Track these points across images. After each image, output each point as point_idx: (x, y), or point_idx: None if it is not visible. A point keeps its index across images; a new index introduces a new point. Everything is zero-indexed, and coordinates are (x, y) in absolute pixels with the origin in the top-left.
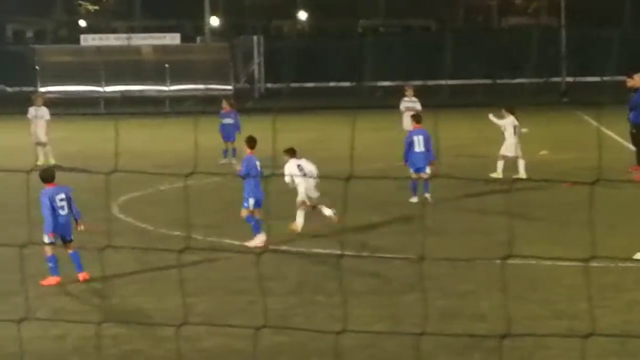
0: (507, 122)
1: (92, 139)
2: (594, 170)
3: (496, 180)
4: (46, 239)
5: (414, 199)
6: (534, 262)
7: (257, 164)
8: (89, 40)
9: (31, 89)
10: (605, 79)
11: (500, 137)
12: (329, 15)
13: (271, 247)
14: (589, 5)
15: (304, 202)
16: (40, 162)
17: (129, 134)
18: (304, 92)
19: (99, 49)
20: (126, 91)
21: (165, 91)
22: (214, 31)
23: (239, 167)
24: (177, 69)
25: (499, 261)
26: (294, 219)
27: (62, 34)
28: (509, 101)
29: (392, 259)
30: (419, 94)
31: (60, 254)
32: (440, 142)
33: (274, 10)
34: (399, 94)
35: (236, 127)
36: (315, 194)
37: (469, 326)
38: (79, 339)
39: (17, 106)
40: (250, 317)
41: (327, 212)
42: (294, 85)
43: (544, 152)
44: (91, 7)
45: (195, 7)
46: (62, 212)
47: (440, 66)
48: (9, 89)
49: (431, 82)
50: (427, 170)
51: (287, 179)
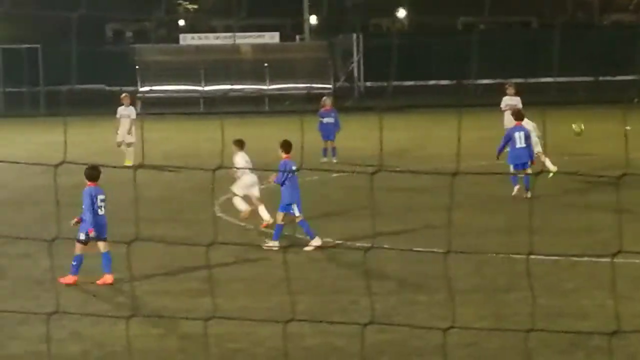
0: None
1: (192, 138)
2: None
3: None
4: (82, 236)
5: (515, 189)
6: (638, 260)
7: (294, 168)
8: (188, 39)
9: (131, 88)
10: None
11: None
12: (429, 12)
13: (375, 246)
14: None
15: (241, 195)
16: (129, 161)
17: (227, 133)
18: (403, 90)
19: (198, 48)
20: (225, 90)
21: (264, 90)
22: (313, 30)
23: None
24: (277, 67)
25: (604, 259)
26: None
27: (162, 34)
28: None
29: (493, 256)
30: (520, 91)
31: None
32: (545, 139)
33: (373, 8)
34: (500, 91)
35: (336, 125)
36: (256, 192)
37: (573, 324)
38: (182, 337)
39: (117, 105)
40: (352, 316)
41: (265, 215)
42: (393, 83)
43: (628, 128)
44: (190, 7)
45: (294, 6)
46: (101, 212)
47: (541, 63)
48: (108, 88)
49: (532, 80)
50: (529, 166)
51: (237, 173)
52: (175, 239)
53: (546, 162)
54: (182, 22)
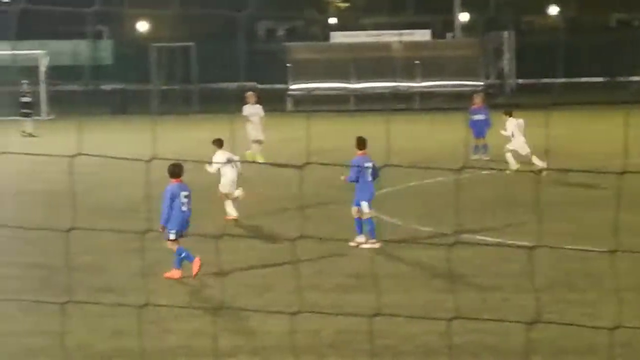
0: (511, 126)
1: (344, 135)
2: None
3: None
4: (172, 235)
5: None
6: None
7: (369, 164)
8: (339, 37)
9: (282, 86)
10: None
11: None
12: (582, 9)
13: (525, 244)
14: None
15: (223, 194)
16: (260, 159)
17: (376, 130)
18: (554, 87)
19: (349, 46)
20: (376, 88)
21: (415, 87)
22: (464, 27)
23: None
24: (427, 65)
25: None
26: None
27: (313, 32)
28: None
29: None
30: None
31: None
32: None
33: (525, 5)
34: None
35: (487, 123)
36: (234, 188)
37: None
38: (335, 333)
39: (268, 104)
40: (503, 314)
41: (230, 210)
42: (544, 80)
43: None
44: (342, 5)
45: (445, 3)
46: (184, 208)
47: None
48: (260, 86)
49: None
50: None
51: (211, 169)
52: (324, 235)
53: (535, 160)
54: (333, 20)
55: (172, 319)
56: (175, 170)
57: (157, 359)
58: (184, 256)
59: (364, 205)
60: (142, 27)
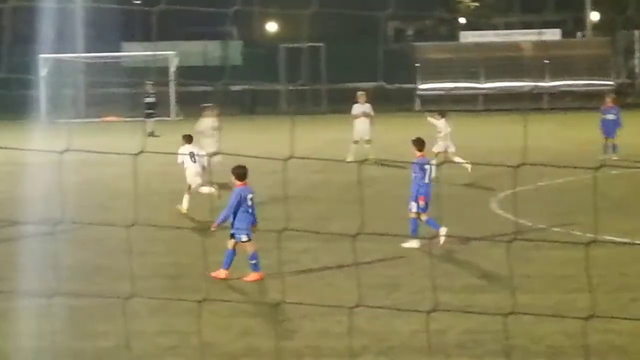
0: (440, 124)
1: (472, 135)
2: None
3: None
4: (244, 237)
5: None
6: None
7: (427, 167)
8: (468, 37)
9: (410, 86)
10: None
11: None
12: None
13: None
14: None
15: (189, 185)
16: (371, 157)
17: (506, 130)
18: None
19: (477, 46)
20: (505, 87)
21: (544, 87)
22: (595, 26)
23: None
24: (557, 64)
25: None
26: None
27: (442, 31)
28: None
29: None
30: None
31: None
32: None
33: None
34: None
35: (617, 123)
36: (197, 179)
37: None
38: (461, 333)
39: (397, 104)
40: (633, 314)
41: (185, 203)
42: None
43: None
44: (472, 4)
45: (576, 2)
46: (251, 211)
47: None
48: (388, 86)
49: None
50: None
51: (179, 160)
52: (453, 235)
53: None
54: (462, 20)
55: (299, 319)
56: (240, 172)
57: (284, 358)
58: (255, 262)
59: (413, 204)
60: (271, 27)
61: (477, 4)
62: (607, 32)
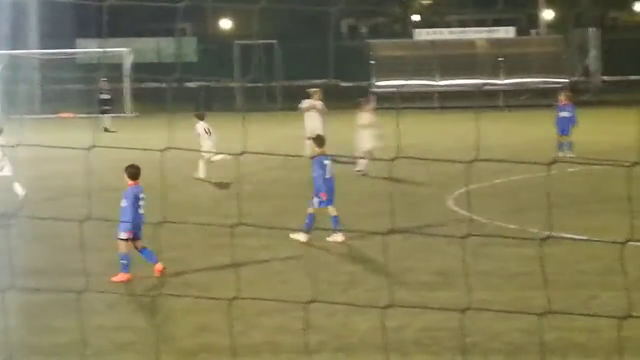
0: (199, 127)
1: (427, 133)
2: None
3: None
4: (123, 235)
5: None
6: None
7: (327, 162)
8: (422, 34)
9: (365, 83)
10: None
11: None
12: None
13: (613, 240)
14: None
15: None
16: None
17: (461, 127)
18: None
19: (432, 43)
20: (460, 85)
21: (499, 85)
22: (549, 24)
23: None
24: (512, 62)
25: None
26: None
27: (395, 29)
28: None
29: None
30: None
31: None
32: None
33: (610, 1)
34: None
35: (572, 120)
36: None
37: None
38: (419, 330)
39: (351, 101)
40: (591, 312)
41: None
42: (632, 77)
43: None
44: (425, 2)
45: (529, 0)
46: (141, 211)
47: None
48: (343, 84)
49: None
50: None
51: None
52: (410, 233)
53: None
54: (416, 17)
55: (256, 315)
56: (133, 171)
57: (241, 355)
58: (126, 263)
59: (315, 200)
60: (225, 24)
61: (430, 1)
62: (561, 30)
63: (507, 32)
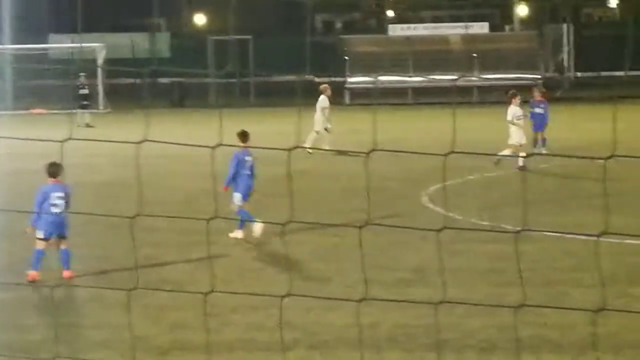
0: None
1: (402, 128)
2: None
3: None
4: (40, 234)
5: None
6: None
7: (248, 158)
8: (397, 30)
9: (340, 79)
10: None
11: None
12: None
13: (587, 237)
14: None
15: None
16: (326, 147)
17: (436, 123)
18: (615, 81)
19: (407, 39)
20: (434, 81)
21: (473, 80)
22: (523, 20)
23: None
24: (486, 58)
25: None
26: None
27: (370, 24)
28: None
29: None
30: None
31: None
32: None
33: None
34: None
35: (546, 117)
36: None
37: None
38: (393, 326)
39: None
40: (563, 309)
41: None
42: (604, 74)
43: None
44: None
45: None
46: (56, 210)
47: None
48: (317, 79)
49: None
50: None
51: None
52: (384, 229)
53: None
54: (391, 13)
55: (230, 312)
56: (52, 170)
57: (215, 352)
58: (37, 258)
59: (237, 196)
60: (199, 19)
61: None
62: (534, 26)
63: (481, 28)
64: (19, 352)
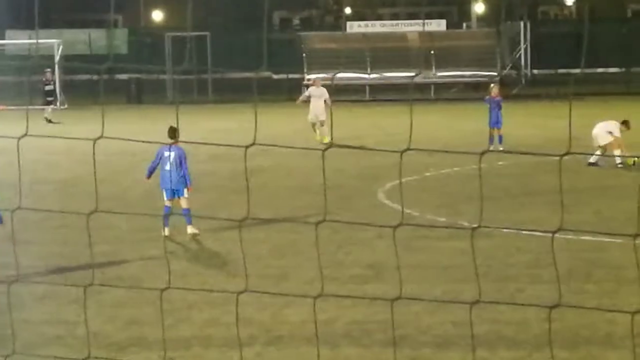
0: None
1: (359, 125)
2: None
3: None
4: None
5: None
6: None
7: (169, 154)
8: (354, 27)
9: (297, 75)
10: None
11: None
12: None
13: (542, 233)
14: None
15: None
16: (317, 139)
17: (394, 120)
18: (571, 78)
19: (364, 36)
20: (391, 78)
21: (430, 77)
22: (480, 17)
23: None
24: (443, 55)
25: None
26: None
27: (328, 21)
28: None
29: None
30: None
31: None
32: None
33: None
34: None
35: (497, 114)
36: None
37: None
38: (349, 323)
39: (283, 93)
40: (518, 305)
41: None
42: (561, 71)
43: None
44: None
45: None
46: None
47: None
48: (275, 76)
49: None
50: None
51: None
52: (341, 226)
53: None
54: (348, 10)
55: (186, 308)
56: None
57: (171, 348)
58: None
59: (164, 193)
60: (157, 16)
61: None
62: (492, 23)
63: (438, 25)
64: None
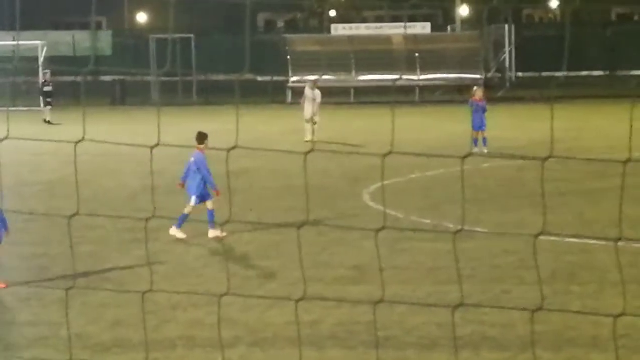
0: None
1: (344, 128)
2: None
3: None
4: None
5: None
6: None
7: (192, 160)
8: (339, 29)
9: (282, 78)
10: None
11: None
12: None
13: (527, 234)
14: None
15: None
16: (308, 138)
17: (378, 123)
18: (555, 81)
19: (349, 39)
20: (376, 80)
21: (415, 80)
22: (465, 20)
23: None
24: (428, 58)
25: None
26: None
27: (313, 24)
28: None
29: None
30: None
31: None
32: None
33: None
34: None
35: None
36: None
37: None
38: (334, 324)
39: (268, 95)
40: (504, 306)
41: None
42: (545, 74)
43: None
44: None
45: None
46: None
47: None
48: (260, 79)
49: None
50: None
51: None
52: (326, 228)
53: None
54: (333, 13)
55: (171, 309)
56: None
57: (156, 350)
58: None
59: (193, 199)
60: (141, 18)
61: None
62: (477, 26)
63: (423, 28)
64: None
